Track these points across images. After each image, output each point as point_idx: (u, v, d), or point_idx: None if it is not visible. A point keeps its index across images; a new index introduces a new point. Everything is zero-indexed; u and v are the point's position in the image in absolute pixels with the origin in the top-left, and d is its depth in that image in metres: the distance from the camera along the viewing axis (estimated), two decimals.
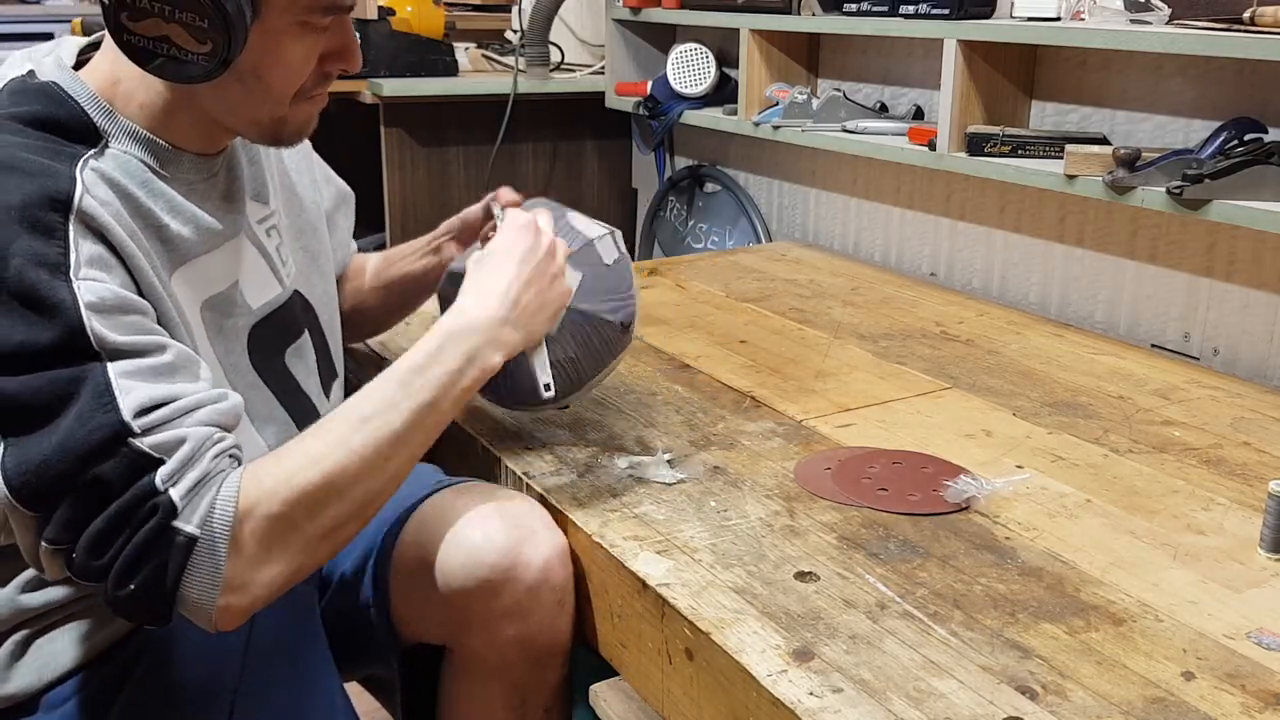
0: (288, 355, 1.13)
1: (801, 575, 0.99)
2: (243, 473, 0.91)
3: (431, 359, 1.01)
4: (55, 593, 1.00)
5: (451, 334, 1.02)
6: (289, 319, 1.15)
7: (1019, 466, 1.22)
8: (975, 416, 1.36)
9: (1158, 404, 1.41)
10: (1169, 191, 1.47)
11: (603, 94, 2.61)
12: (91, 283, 0.89)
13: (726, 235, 2.52)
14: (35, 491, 0.87)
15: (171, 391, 0.90)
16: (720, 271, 2.01)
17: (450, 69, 2.55)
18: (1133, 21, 1.61)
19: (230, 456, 0.92)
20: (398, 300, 1.41)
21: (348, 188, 1.38)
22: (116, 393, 0.87)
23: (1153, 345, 1.71)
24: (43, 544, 0.88)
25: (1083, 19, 1.69)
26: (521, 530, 1.06)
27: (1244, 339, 1.60)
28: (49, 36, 2.29)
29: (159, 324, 0.95)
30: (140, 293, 0.94)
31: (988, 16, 1.77)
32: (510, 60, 2.65)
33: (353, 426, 0.96)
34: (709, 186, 2.59)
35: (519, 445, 1.25)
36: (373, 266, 1.40)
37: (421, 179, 2.55)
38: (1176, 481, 1.19)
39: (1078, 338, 1.68)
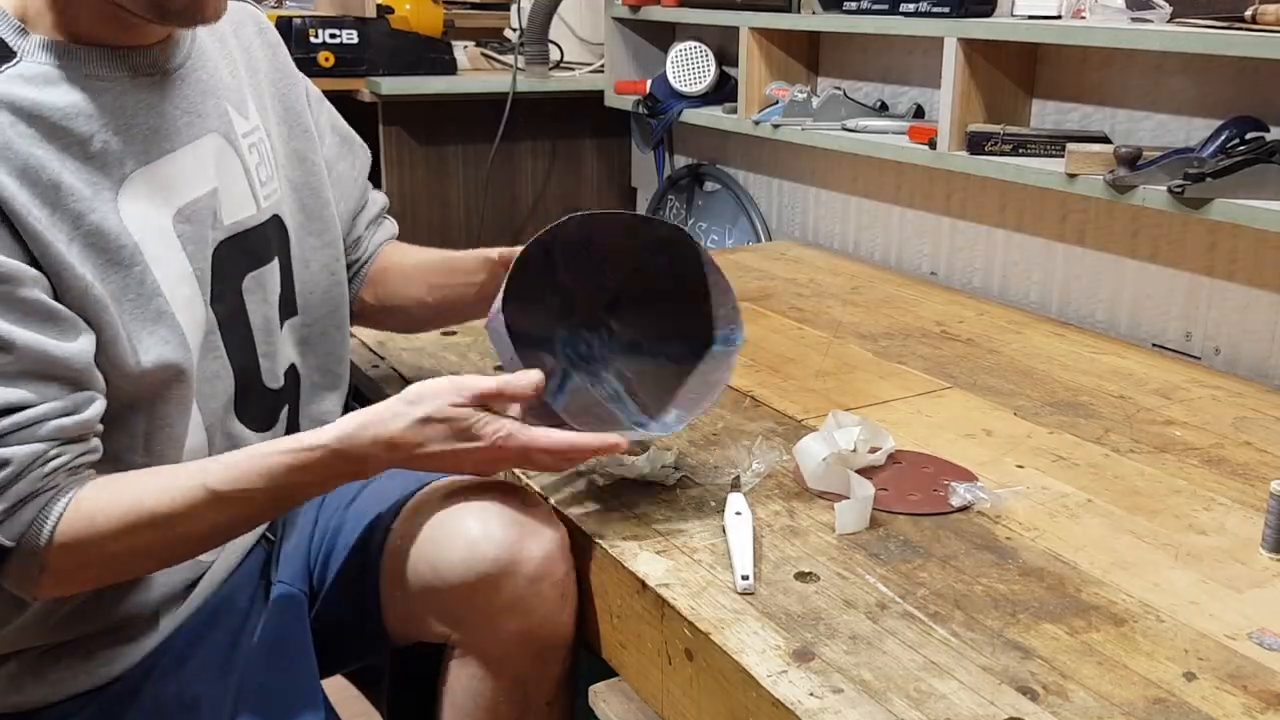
0: (245, 280, 1.09)
1: (802, 575, 0.99)
2: (76, 500, 0.90)
3: (312, 469, 0.96)
4: (72, 618, 1.00)
5: (342, 454, 0.97)
6: (258, 243, 1.10)
7: (1019, 466, 1.22)
8: (976, 416, 1.36)
9: (1159, 403, 1.41)
10: (1170, 190, 1.47)
11: (602, 92, 2.61)
12: None
13: (726, 234, 2.52)
14: None
15: (14, 399, 0.87)
16: None
17: (449, 67, 2.55)
18: (1134, 20, 1.61)
19: (68, 471, 0.91)
20: (446, 316, 1.37)
21: (359, 139, 1.34)
22: None
23: (1154, 344, 1.71)
24: None
25: (1084, 17, 1.69)
26: (521, 523, 1.05)
27: (1245, 338, 1.60)
28: None
29: (58, 278, 0.89)
30: (28, 252, 0.88)
31: (988, 15, 1.77)
32: (509, 59, 2.65)
33: (206, 503, 0.94)
34: (709, 185, 2.59)
35: None
36: (429, 271, 1.33)
37: (420, 178, 2.55)
38: (1178, 481, 1.19)
39: (1078, 337, 1.68)
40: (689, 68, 2.38)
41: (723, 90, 2.37)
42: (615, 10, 2.53)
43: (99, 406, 0.93)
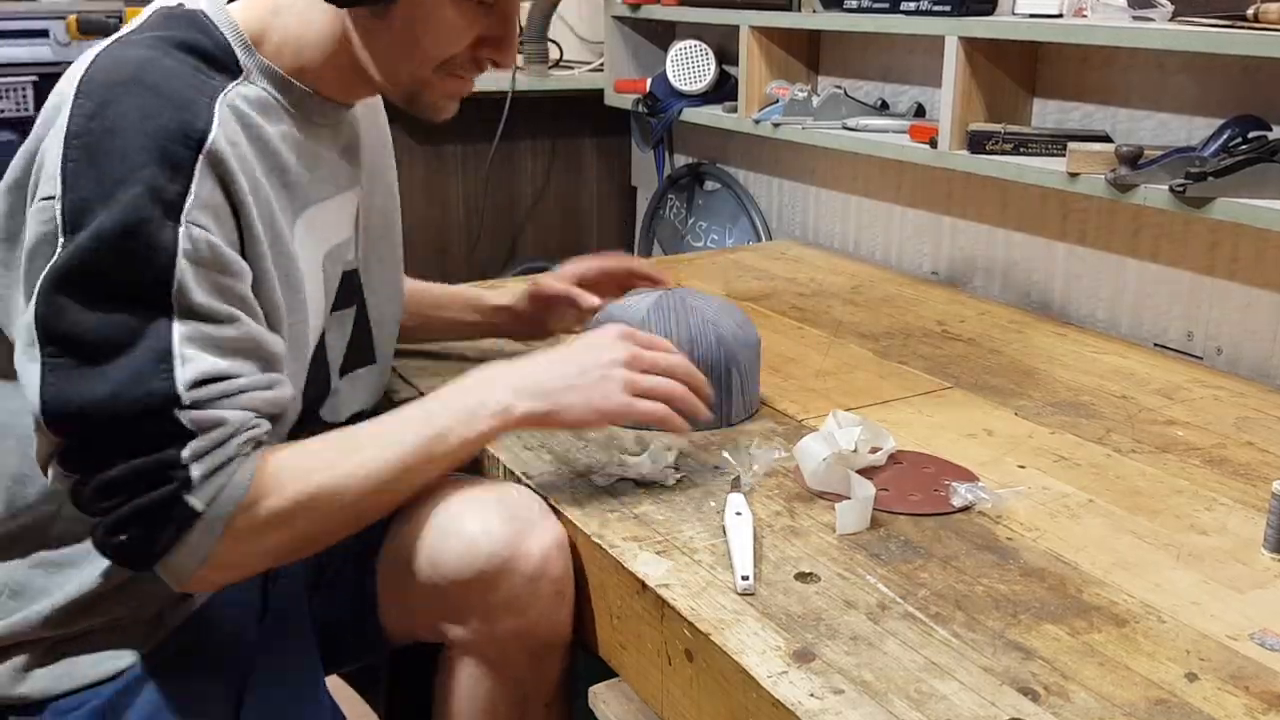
0: (329, 318, 1.15)
1: (802, 576, 0.99)
2: (261, 461, 0.94)
3: (457, 394, 1.05)
4: (79, 611, 1.01)
5: (482, 380, 1.06)
6: (350, 287, 1.17)
7: (1021, 466, 1.22)
8: (977, 416, 1.36)
9: (1160, 403, 1.41)
10: (1172, 190, 1.47)
11: (602, 91, 2.61)
12: (198, 229, 0.91)
13: (726, 234, 2.52)
14: (69, 428, 0.89)
15: (227, 368, 0.92)
16: (720, 270, 2.01)
17: None
18: (1135, 18, 1.61)
19: (257, 443, 0.95)
20: (432, 335, 1.49)
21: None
22: (176, 360, 0.90)
23: (1155, 344, 1.71)
24: (54, 463, 0.91)
25: (1085, 16, 1.69)
26: (520, 521, 1.05)
27: (1247, 338, 1.60)
28: (45, 34, 2.30)
29: (256, 284, 0.97)
30: (244, 252, 0.96)
31: (989, 13, 1.77)
32: None
33: (376, 446, 1.00)
34: (709, 184, 2.59)
35: (517, 444, 1.25)
36: (412, 300, 1.41)
37: (419, 177, 2.55)
38: (1179, 481, 1.19)
39: (1080, 337, 1.68)
40: (689, 66, 2.38)
41: (723, 89, 2.37)
42: (615, 9, 2.53)
43: (290, 391, 0.99)
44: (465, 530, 1.05)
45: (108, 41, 0.97)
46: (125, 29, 1.00)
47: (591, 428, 1.17)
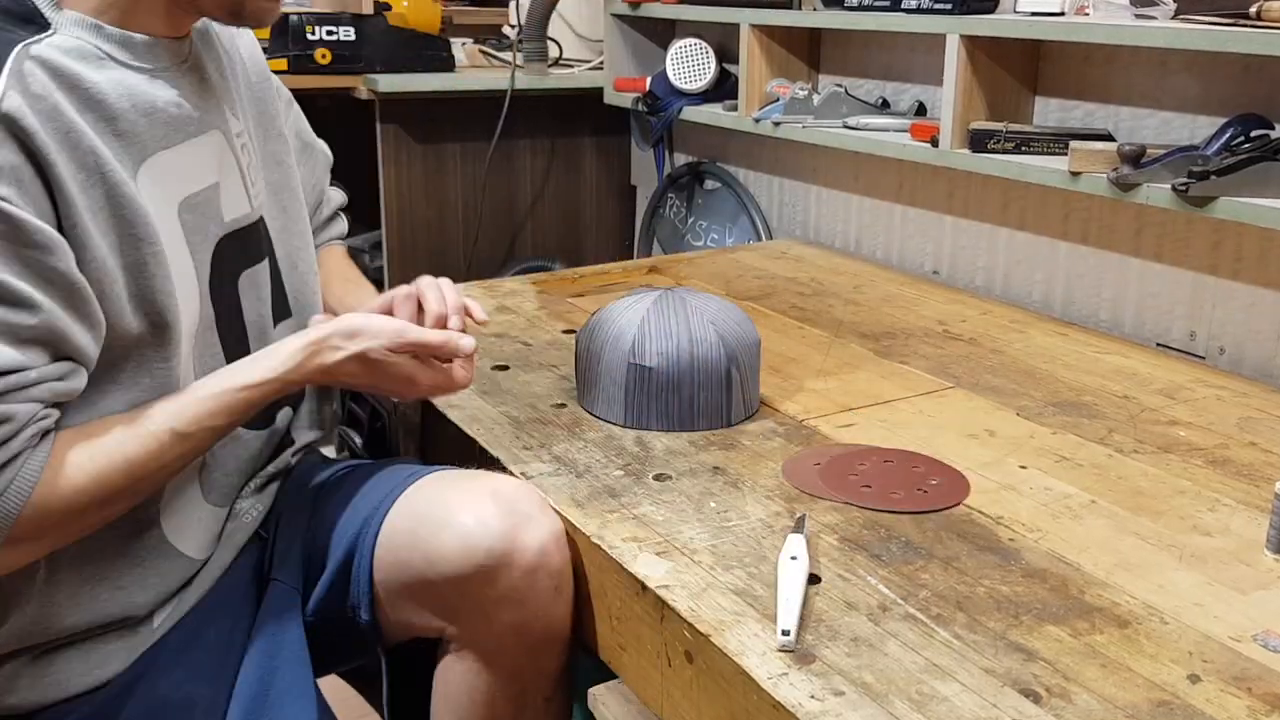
0: (241, 278, 1.12)
1: None
2: (49, 458, 0.92)
3: (267, 398, 1.05)
4: (67, 618, 1.00)
5: (290, 383, 1.06)
6: (251, 241, 1.14)
7: (1022, 467, 1.22)
8: (978, 416, 1.36)
9: (1163, 403, 1.41)
10: (1174, 188, 1.47)
11: (601, 90, 2.61)
12: None
13: (726, 233, 2.52)
14: None
15: (20, 360, 0.89)
16: (720, 270, 2.01)
17: (447, 64, 2.55)
18: (1138, 16, 1.61)
19: (44, 433, 0.92)
20: None
21: (320, 144, 1.38)
22: None
23: (1158, 344, 1.71)
24: None
25: (1087, 14, 1.69)
26: (517, 514, 1.05)
27: (1250, 338, 1.60)
28: None
29: (82, 252, 0.92)
30: (59, 218, 0.90)
31: (991, 11, 1.77)
32: (508, 56, 2.65)
33: (174, 444, 0.99)
34: (709, 183, 2.59)
35: (516, 445, 1.25)
36: (333, 279, 1.36)
37: (417, 176, 2.55)
38: (1182, 482, 1.19)
39: (1082, 336, 1.68)
40: (689, 65, 2.38)
41: (723, 88, 2.37)
42: (615, 7, 2.53)
43: (83, 379, 0.95)
44: (461, 524, 1.04)
45: None
46: None
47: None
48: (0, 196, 0.86)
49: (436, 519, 1.06)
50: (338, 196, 1.42)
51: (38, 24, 0.94)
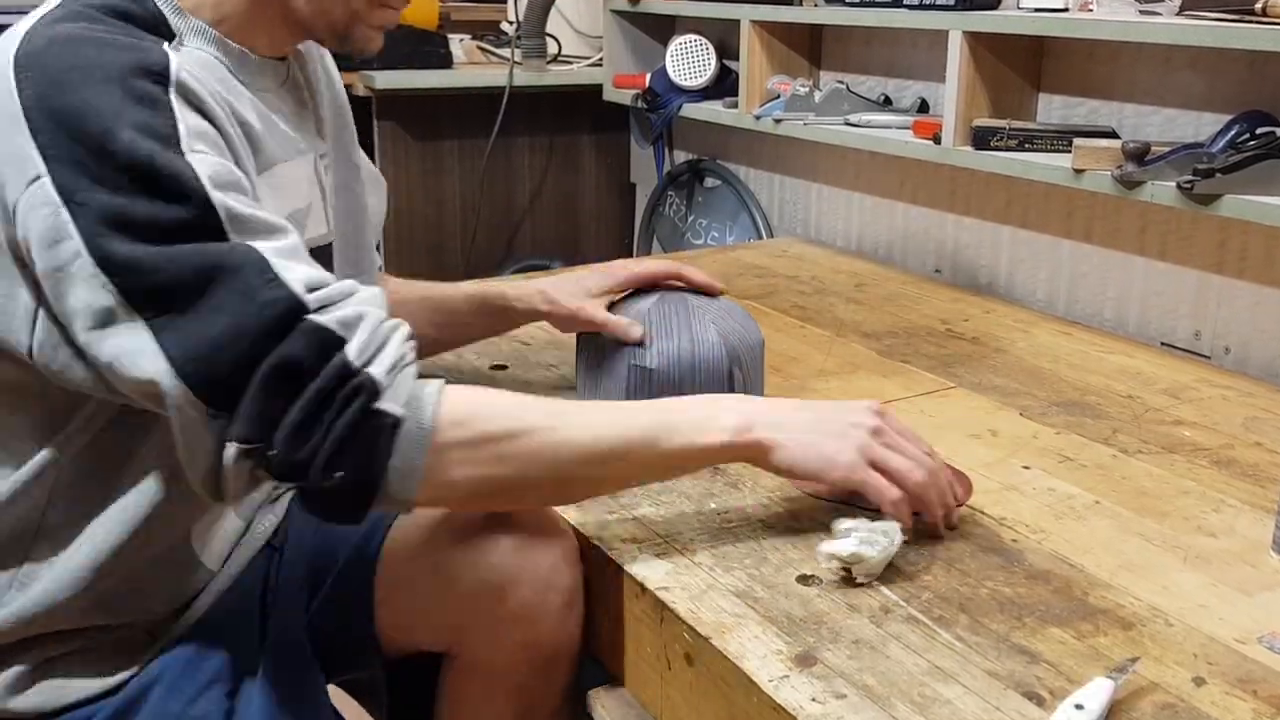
0: None
1: (804, 579, 0.99)
2: (445, 384, 0.89)
3: (688, 403, 1.02)
4: (68, 620, 1.00)
5: (713, 400, 1.03)
6: (324, 263, 1.12)
7: (1025, 467, 1.22)
8: (981, 416, 1.36)
9: (1168, 403, 1.41)
10: (1179, 186, 1.47)
11: (600, 87, 2.61)
12: (206, 156, 0.85)
13: (727, 231, 2.52)
14: (211, 382, 0.81)
15: (324, 275, 0.87)
16: (720, 268, 2.01)
17: (444, 61, 2.55)
18: (1142, 13, 1.61)
19: (413, 342, 0.89)
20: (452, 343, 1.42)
21: (382, 178, 1.39)
22: (278, 269, 0.83)
23: (1162, 343, 1.71)
24: (230, 448, 0.83)
25: (1091, 10, 1.69)
26: (529, 530, 1.04)
27: (1256, 337, 1.60)
28: None
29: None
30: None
31: (994, 7, 1.77)
32: (506, 52, 2.65)
33: (596, 413, 0.98)
34: (709, 181, 2.59)
35: None
36: (427, 308, 1.35)
37: (415, 174, 2.55)
38: (1187, 482, 1.19)
39: (1086, 336, 1.68)
40: (689, 61, 2.38)
41: (723, 84, 2.37)
42: (614, 3, 2.53)
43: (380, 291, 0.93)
44: (472, 540, 1.03)
45: (27, 23, 0.90)
46: (39, 10, 0.93)
47: (814, 480, 1.05)
48: (203, 152, 0.86)
49: (447, 533, 1.05)
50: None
51: (163, 32, 0.94)
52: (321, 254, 1.13)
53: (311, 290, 0.85)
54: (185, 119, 0.86)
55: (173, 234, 0.82)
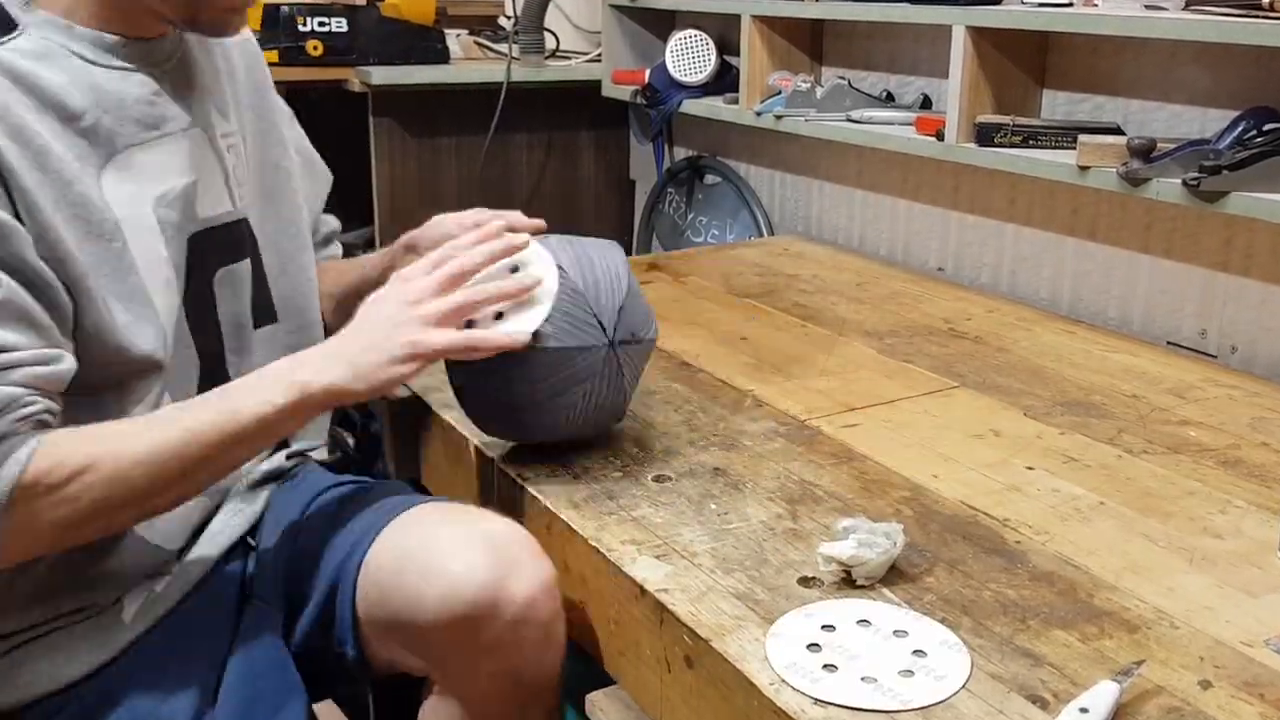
0: (218, 275, 1.13)
1: (805, 581, 0.99)
2: (40, 440, 0.91)
3: (262, 373, 1.03)
4: (32, 613, 1.00)
5: (292, 359, 1.04)
6: (232, 239, 1.15)
7: (1029, 468, 1.22)
8: (984, 416, 1.36)
9: (1173, 403, 1.41)
10: (1185, 183, 1.47)
11: (599, 83, 2.60)
12: None
13: (727, 229, 2.52)
14: None
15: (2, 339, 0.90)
16: (720, 266, 2.01)
17: (441, 57, 2.55)
18: (1147, 7, 1.61)
19: (35, 422, 0.92)
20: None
21: (322, 163, 1.39)
22: None
23: (1168, 342, 1.71)
24: None
25: (1096, 5, 1.69)
26: (505, 561, 1.01)
27: (1263, 336, 1.60)
28: None
29: (34, 247, 0.93)
30: (14, 207, 0.92)
31: (998, 2, 1.77)
32: (503, 48, 2.64)
33: (167, 421, 0.98)
34: (709, 178, 2.59)
35: (512, 447, 1.25)
36: (328, 278, 1.36)
37: (411, 171, 2.55)
38: (1192, 483, 1.19)
39: (1090, 334, 1.68)
40: (689, 57, 2.38)
41: (724, 80, 2.37)
42: None
43: (70, 365, 0.96)
44: (446, 570, 1.01)
45: None
46: None
47: (394, 386, 1.06)
48: None
49: (421, 561, 1.03)
50: (333, 222, 1.44)
51: (2, 25, 0.97)
52: (228, 231, 1.14)
53: None
54: None
55: None
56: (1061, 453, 1.26)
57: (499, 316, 1.13)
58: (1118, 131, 1.70)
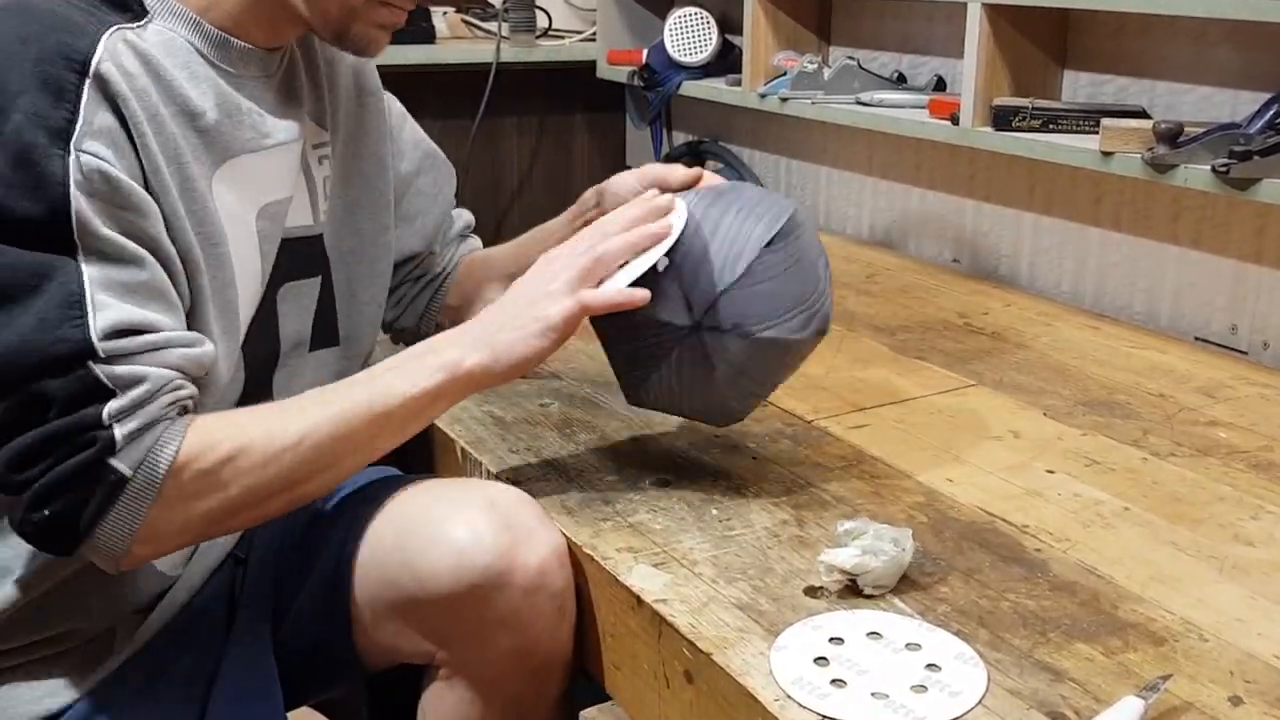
0: (283, 288, 1.14)
1: (812, 590, 0.99)
2: (190, 424, 0.94)
3: (409, 353, 1.05)
4: (14, 639, 1.00)
5: (440, 338, 1.07)
6: (307, 255, 1.17)
7: (1049, 471, 1.22)
8: (1002, 416, 1.36)
9: (1202, 403, 1.41)
10: (1214, 170, 1.47)
11: (594, 63, 2.61)
12: (92, 158, 0.90)
13: None
14: None
15: (147, 320, 0.92)
16: None
17: (427, 35, 2.55)
18: None
19: (182, 407, 0.94)
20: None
21: (443, 157, 1.42)
22: (89, 306, 0.89)
23: (1197, 338, 1.71)
24: None
25: None
26: (516, 527, 1.03)
27: None
28: None
29: (166, 231, 0.96)
30: (148, 187, 0.95)
31: None
32: (492, 26, 2.64)
33: (314, 404, 1.00)
34: (710, 164, 2.59)
35: (502, 447, 1.25)
36: (507, 262, 1.38)
37: None
38: (1223, 487, 1.19)
39: (1114, 330, 1.68)
40: (689, 36, 2.38)
41: (725, 60, 2.37)
42: None
43: (212, 350, 0.98)
44: (454, 539, 1.02)
45: None
46: None
47: (531, 365, 1.08)
48: (100, 156, 0.90)
49: (425, 532, 1.04)
50: (466, 216, 1.47)
51: (134, 11, 0.99)
52: (304, 245, 1.16)
53: (114, 336, 0.90)
54: (90, 114, 0.91)
55: (13, 229, 0.88)
56: (1084, 455, 1.26)
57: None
58: (1143, 115, 1.70)
